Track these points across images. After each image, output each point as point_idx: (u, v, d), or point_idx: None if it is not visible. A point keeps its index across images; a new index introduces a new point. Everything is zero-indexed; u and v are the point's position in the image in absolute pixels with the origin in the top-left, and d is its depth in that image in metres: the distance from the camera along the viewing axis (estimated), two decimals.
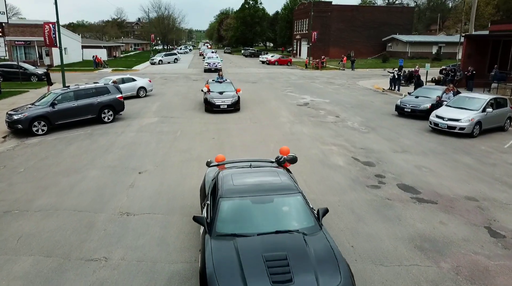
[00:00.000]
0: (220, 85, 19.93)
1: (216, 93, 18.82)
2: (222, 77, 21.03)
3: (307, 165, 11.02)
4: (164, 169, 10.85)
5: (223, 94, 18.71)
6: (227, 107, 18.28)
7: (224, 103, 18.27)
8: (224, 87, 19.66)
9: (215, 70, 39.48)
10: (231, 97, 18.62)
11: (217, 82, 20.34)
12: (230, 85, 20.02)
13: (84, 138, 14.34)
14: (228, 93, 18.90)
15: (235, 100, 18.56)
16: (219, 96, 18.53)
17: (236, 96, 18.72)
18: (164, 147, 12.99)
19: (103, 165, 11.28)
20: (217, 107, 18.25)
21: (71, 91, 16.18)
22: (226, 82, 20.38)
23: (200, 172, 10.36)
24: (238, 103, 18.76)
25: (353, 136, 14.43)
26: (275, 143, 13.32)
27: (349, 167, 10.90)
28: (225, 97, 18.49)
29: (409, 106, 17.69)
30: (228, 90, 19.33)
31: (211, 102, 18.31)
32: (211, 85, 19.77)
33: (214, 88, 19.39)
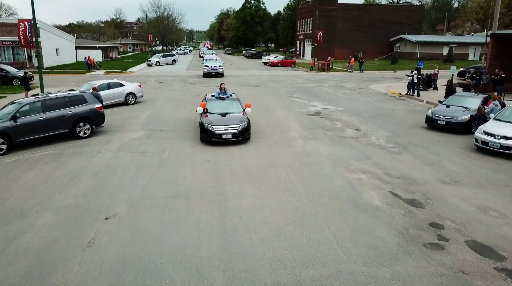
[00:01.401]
0: (223, 103, 14.34)
1: (217, 115, 13.41)
2: (226, 92, 15.02)
3: (333, 207, 8.20)
4: (140, 212, 8.04)
5: (226, 117, 13.33)
6: (232, 137, 12.77)
7: (227, 131, 12.75)
8: (228, 106, 14.17)
9: (216, 75, 35.64)
10: (238, 122, 13.02)
11: (218, 98, 14.68)
12: (236, 103, 14.40)
13: (49, 161, 11.55)
14: (234, 116, 13.41)
15: (244, 126, 12.97)
16: (220, 121, 13.07)
17: (245, 120, 13.17)
18: (145, 175, 10.18)
19: (62, 204, 8.48)
20: (218, 137, 12.74)
21: (37, 101, 13.39)
22: (230, 99, 14.69)
23: (188, 219, 7.57)
24: (247, 131, 13.19)
25: (383, 157, 11.61)
26: (287, 169, 10.52)
27: (390, 210, 8.09)
28: (229, 122, 12.98)
29: (443, 118, 14.85)
30: (234, 110, 13.91)
31: (209, 130, 12.78)
32: (210, 104, 14.18)
33: (214, 108, 13.88)
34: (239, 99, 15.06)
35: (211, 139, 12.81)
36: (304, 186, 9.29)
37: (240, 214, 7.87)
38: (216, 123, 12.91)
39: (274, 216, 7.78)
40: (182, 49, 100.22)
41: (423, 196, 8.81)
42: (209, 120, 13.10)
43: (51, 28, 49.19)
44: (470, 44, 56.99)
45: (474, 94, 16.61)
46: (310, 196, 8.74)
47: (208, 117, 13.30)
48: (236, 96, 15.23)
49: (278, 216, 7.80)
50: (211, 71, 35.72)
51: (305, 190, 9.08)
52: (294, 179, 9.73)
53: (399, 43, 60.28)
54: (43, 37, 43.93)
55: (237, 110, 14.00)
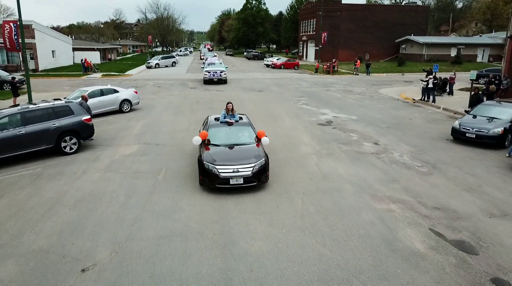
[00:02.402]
0: (230, 130, 10.61)
1: (222, 149, 9.77)
2: (234, 115, 11.16)
3: (366, 253, 6.60)
4: (125, 260, 6.45)
5: (235, 151, 9.70)
6: (245, 183, 9.04)
7: (237, 173, 9.00)
8: (238, 134, 10.51)
9: (218, 81, 31.25)
10: (252, 158, 9.32)
11: (224, 123, 10.86)
12: (248, 130, 10.70)
13: (25, 184, 9.96)
14: (246, 149, 9.76)
15: (261, 164, 9.25)
16: (227, 157, 9.39)
17: (262, 156, 9.49)
18: (136, 205, 8.59)
19: (31, 247, 6.90)
20: (224, 182, 9.00)
21: (16, 113, 11.80)
22: (240, 124, 10.91)
23: (185, 272, 5.98)
24: (265, 171, 9.39)
25: (412, 180, 10.01)
26: (303, 196, 8.93)
27: (436, 258, 6.49)
28: (240, 160, 9.27)
29: (472, 131, 13.24)
30: (245, 140, 10.23)
31: (212, 172, 9.03)
32: (213, 131, 10.45)
33: (218, 137, 10.23)
34: (251, 123, 11.41)
35: (215, 185, 9.05)
36: (326, 222, 7.70)
37: (250, 265, 6.28)
38: (222, 161, 9.14)
39: (293, 268, 6.19)
40: (182, 51, 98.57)
41: (473, 235, 7.21)
42: (210, 156, 9.32)
43: (46, 29, 47.64)
44: (478, 46, 55.35)
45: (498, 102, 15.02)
46: (335, 236, 7.15)
47: (210, 150, 9.58)
48: (248, 120, 11.51)
49: (298, 267, 6.21)
50: (213, 77, 31.02)
51: (327, 227, 7.49)
52: (313, 212, 8.14)
53: (405, 45, 58.64)
54: (38, 38, 42.48)
55: (250, 140, 10.24)
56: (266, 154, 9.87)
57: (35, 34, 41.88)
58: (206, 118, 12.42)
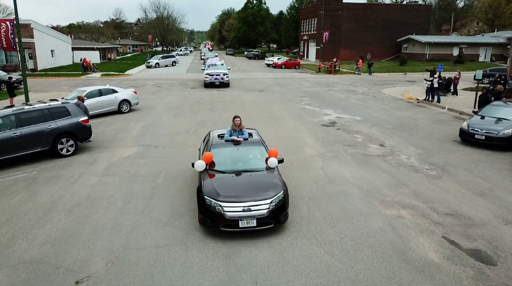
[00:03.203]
0: (237, 151, 8.56)
1: (228, 177, 7.77)
2: (243, 131, 8.96)
3: (377, 264, 6.22)
4: (122, 272, 6.07)
5: (243, 179, 7.69)
6: (258, 225, 6.95)
7: (250, 213, 6.93)
8: (247, 156, 8.51)
9: (220, 85, 28.58)
10: (268, 191, 7.23)
11: (231, 142, 8.75)
12: (260, 150, 8.63)
13: (20, 188, 9.59)
14: (259, 177, 7.72)
15: (279, 199, 7.16)
16: (235, 189, 7.34)
17: (279, 186, 7.40)
18: (134, 211, 8.22)
19: (22, 257, 6.52)
20: (231, 224, 6.94)
21: (11, 114, 11.42)
22: (250, 143, 8.80)
23: (186, 281, 5.59)
24: (284, 208, 7.23)
25: (421, 184, 9.63)
26: (308, 201, 8.55)
27: (453, 269, 6.11)
28: (251, 193, 7.19)
29: (482, 132, 12.85)
30: (258, 165, 8.17)
31: (215, 211, 6.98)
32: (217, 152, 8.41)
33: (222, 160, 8.26)
34: (263, 141, 9.20)
35: (219, 228, 6.93)
36: (333, 230, 7.32)
37: (254, 277, 5.91)
38: (228, 196, 7.05)
39: (300, 280, 5.81)
40: (182, 50, 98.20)
41: (489, 244, 6.83)
42: (213, 187, 7.25)
43: (45, 28, 47.25)
44: (481, 45, 54.90)
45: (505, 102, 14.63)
46: (343, 245, 6.77)
47: (213, 179, 7.59)
48: (259, 136, 9.29)
49: (306, 279, 5.84)
50: (214, 80, 28.27)
51: (336, 235, 7.11)
52: (319, 218, 7.76)
53: (407, 44, 58.22)
54: (37, 38, 42.10)
55: (263, 163, 8.16)
56: (283, 181, 7.69)
57: (33, 34, 41.50)
58: (207, 134, 10.05)
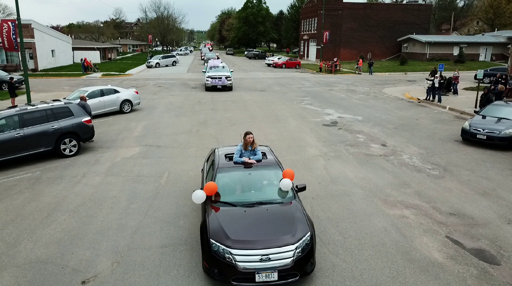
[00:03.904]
0: (250, 177, 6.99)
1: (240, 213, 6.12)
2: (255, 151, 7.35)
3: (381, 263, 6.26)
4: (128, 272, 6.11)
5: (257, 214, 6.12)
6: (280, 279, 5.41)
7: (269, 263, 5.39)
8: (261, 181, 6.98)
9: (223, 88, 26.65)
10: (292, 233, 5.65)
11: (241, 165, 7.11)
12: (276, 174, 6.99)
13: (24, 188, 9.62)
14: (279, 212, 6.17)
15: (305, 243, 5.61)
16: (248, 230, 5.75)
17: (306, 226, 5.81)
18: (138, 211, 8.25)
19: (28, 257, 6.56)
20: (246, 278, 5.37)
21: (14, 114, 11.45)
22: (264, 166, 7.17)
23: (192, 281, 5.61)
24: (311, 253, 5.66)
25: (424, 184, 9.66)
26: (312, 201, 8.58)
27: (457, 269, 6.14)
28: (270, 238, 5.59)
29: (483, 132, 12.88)
30: (274, 193, 6.64)
31: (224, 260, 5.43)
32: (224, 178, 6.86)
33: (231, 189, 6.75)
34: (279, 161, 7.57)
35: (229, 282, 5.43)
36: (337, 229, 7.35)
37: None
38: (240, 241, 5.52)
39: (305, 280, 5.84)
40: (182, 50, 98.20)
41: (492, 244, 6.86)
42: (220, 227, 5.74)
43: (46, 28, 47.23)
44: (481, 44, 54.90)
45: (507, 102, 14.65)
46: (347, 245, 6.80)
47: (220, 214, 6.04)
48: (273, 156, 7.65)
49: (311, 279, 5.87)
50: (216, 84, 26.37)
51: (339, 235, 7.14)
52: (323, 218, 7.79)
53: (407, 43, 58.23)
54: (37, 38, 42.10)
55: (282, 192, 6.60)
56: (308, 215, 6.15)
57: (34, 34, 41.50)
58: (211, 152, 8.37)
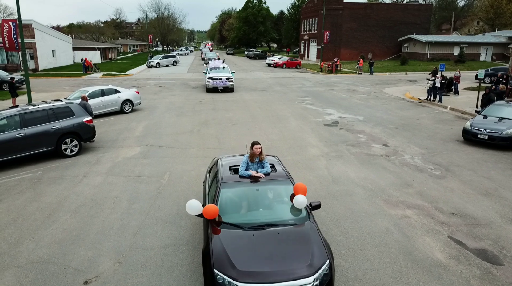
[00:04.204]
0: (258, 193, 6.16)
1: (247, 236, 5.35)
2: (263, 163, 6.48)
3: (384, 264, 6.24)
4: (130, 272, 6.10)
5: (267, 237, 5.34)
6: None
7: None
8: (270, 199, 6.19)
9: (224, 90, 25.85)
10: (309, 264, 4.93)
11: (247, 179, 6.28)
12: (287, 189, 6.18)
13: (25, 188, 9.61)
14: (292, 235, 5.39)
15: (323, 276, 4.90)
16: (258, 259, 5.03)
17: (324, 254, 5.12)
18: (140, 211, 8.24)
19: (30, 257, 6.55)
20: None
21: (15, 114, 11.44)
22: (275, 181, 6.38)
23: (195, 281, 5.60)
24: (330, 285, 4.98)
25: (426, 184, 9.65)
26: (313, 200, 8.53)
27: (460, 269, 6.13)
28: (283, 269, 4.86)
29: (485, 131, 12.87)
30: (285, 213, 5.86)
31: None
32: (228, 195, 6.07)
33: (236, 207, 6.01)
34: (289, 174, 6.70)
35: None
36: (339, 230, 7.34)
37: None
38: (247, 272, 4.87)
39: None
40: (183, 50, 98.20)
41: (495, 244, 6.85)
42: (225, 255, 5.08)
43: (46, 28, 47.25)
44: (481, 44, 54.86)
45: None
46: (349, 245, 6.78)
47: (225, 239, 5.32)
48: (283, 168, 6.81)
49: None
50: (217, 85, 25.64)
51: (342, 235, 7.13)
52: (325, 218, 7.78)
53: (408, 43, 58.20)
54: (38, 38, 42.11)
55: (295, 211, 5.85)
56: (324, 238, 5.41)
57: (34, 34, 41.52)
58: (213, 163, 7.56)
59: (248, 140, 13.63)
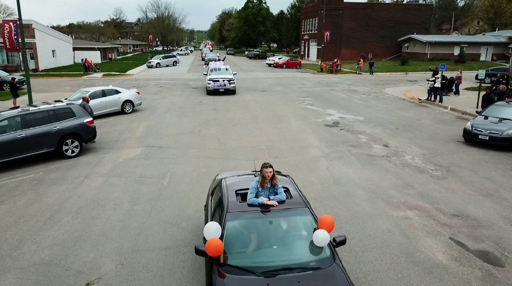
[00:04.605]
0: (271, 226, 5.15)
1: (260, 282, 4.40)
2: (276, 188, 5.52)
3: (386, 265, 6.25)
4: (132, 274, 6.11)
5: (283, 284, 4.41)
6: None
7: None
8: (286, 235, 5.19)
9: (225, 91, 24.95)
10: None
11: (257, 208, 5.29)
12: (306, 221, 5.27)
13: (26, 190, 9.62)
14: (314, 282, 4.42)
15: None
16: None
17: None
18: (141, 212, 8.25)
19: (32, 259, 6.55)
20: None
21: (16, 115, 11.45)
22: (288, 209, 5.31)
23: (197, 283, 5.61)
24: None
25: (427, 185, 9.65)
26: (315, 202, 8.56)
27: (461, 270, 6.14)
28: None
29: (485, 132, 12.88)
30: (304, 254, 4.90)
31: None
32: (235, 229, 5.09)
33: (244, 244, 5.01)
34: (307, 201, 5.68)
35: None
36: (341, 231, 7.32)
37: None
38: None
39: None
40: (183, 50, 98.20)
41: (496, 245, 6.86)
42: None
43: (46, 28, 47.24)
44: (482, 44, 54.88)
45: None
46: (351, 247, 6.79)
47: (228, 281, 4.48)
48: (301, 196, 5.71)
49: None
50: (218, 87, 24.70)
51: None
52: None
53: (408, 43, 58.21)
54: (38, 38, 42.10)
55: (317, 250, 4.93)
56: None
57: (35, 34, 41.50)
58: (216, 184, 6.47)
59: (249, 140, 13.76)
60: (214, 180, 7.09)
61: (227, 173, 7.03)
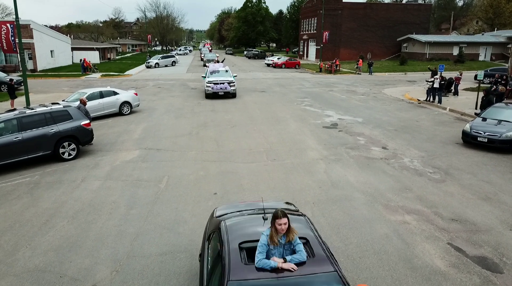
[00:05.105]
0: None
1: None
2: (293, 243, 4.14)
3: (383, 271, 6.20)
4: (127, 281, 6.04)
5: None
6: None
7: None
8: None
9: (225, 95, 23.76)
10: None
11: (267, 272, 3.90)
12: None
13: (22, 193, 9.55)
14: None
15: None
16: None
17: None
18: (137, 217, 8.18)
19: (26, 265, 6.49)
20: None
21: (13, 118, 11.37)
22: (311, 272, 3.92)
23: None
24: None
25: (425, 188, 9.60)
26: (312, 206, 8.52)
27: (459, 277, 6.08)
28: None
29: (484, 134, 12.82)
30: None
31: None
32: None
33: None
34: (334, 258, 4.29)
35: None
36: (338, 236, 7.29)
37: None
38: None
39: None
40: (182, 50, 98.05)
41: (495, 251, 6.81)
42: None
43: (45, 28, 47.15)
44: (481, 44, 54.83)
45: None
46: (348, 252, 6.74)
47: None
48: (326, 252, 4.24)
49: None
50: (218, 90, 23.41)
51: (341, 242, 7.08)
52: (324, 224, 7.73)
53: (407, 43, 58.15)
54: (36, 38, 42.00)
55: None
56: None
57: (33, 34, 41.41)
58: (213, 226, 5.15)
59: (247, 142, 13.71)
60: (211, 218, 5.62)
61: (227, 208, 5.59)
